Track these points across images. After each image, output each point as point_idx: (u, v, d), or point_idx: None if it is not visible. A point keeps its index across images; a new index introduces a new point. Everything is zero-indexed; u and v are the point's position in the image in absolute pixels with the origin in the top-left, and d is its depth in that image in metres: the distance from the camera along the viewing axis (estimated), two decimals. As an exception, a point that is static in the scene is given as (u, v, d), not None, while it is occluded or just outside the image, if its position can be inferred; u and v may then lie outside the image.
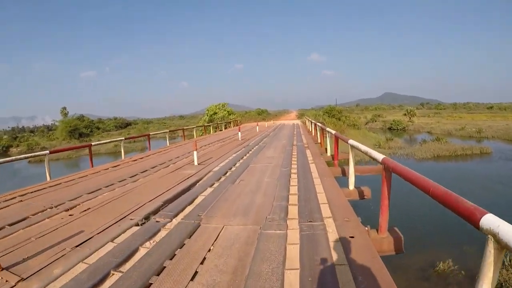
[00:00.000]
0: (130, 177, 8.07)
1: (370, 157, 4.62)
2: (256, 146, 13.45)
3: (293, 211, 4.69)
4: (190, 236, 3.92)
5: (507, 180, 18.91)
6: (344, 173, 7.91)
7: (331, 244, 3.47)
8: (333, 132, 8.72)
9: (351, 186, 6.14)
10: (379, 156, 4.17)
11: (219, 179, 7.28)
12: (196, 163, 9.54)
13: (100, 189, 6.84)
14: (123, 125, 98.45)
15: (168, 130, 18.34)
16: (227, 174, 7.79)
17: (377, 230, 3.90)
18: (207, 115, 43.14)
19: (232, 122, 36.79)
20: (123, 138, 13.62)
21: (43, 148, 53.65)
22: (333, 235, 3.73)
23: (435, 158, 27.18)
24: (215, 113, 42.57)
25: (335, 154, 8.53)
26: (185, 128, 21.21)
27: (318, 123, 14.25)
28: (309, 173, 7.27)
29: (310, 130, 22.64)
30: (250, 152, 11.69)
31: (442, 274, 8.61)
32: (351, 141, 6.16)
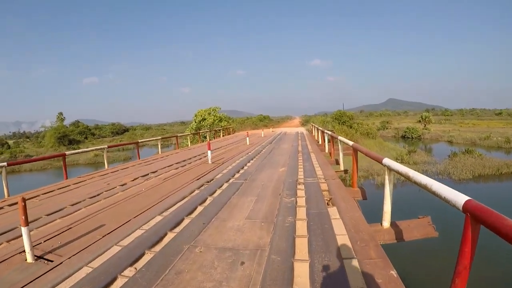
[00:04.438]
0: None
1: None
2: (226, 185, 6.97)
3: None
4: None
5: None
6: None
7: None
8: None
9: None
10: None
11: None
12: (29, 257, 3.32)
13: None
14: (120, 131, 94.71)
15: (106, 146, 12.23)
16: None
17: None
18: (195, 122, 36.64)
19: (221, 131, 30.37)
20: (5, 164, 7.62)
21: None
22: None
23: (475, 178, 20.96)
24: (203, 119, 36.04)
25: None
26: (140, 141, 15.01)
27: (347, 141, 7.95)
28: None
29: (321, 142, 16.46)
30: (198, 208, 5.26)
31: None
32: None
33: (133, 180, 8.23)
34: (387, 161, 4.18)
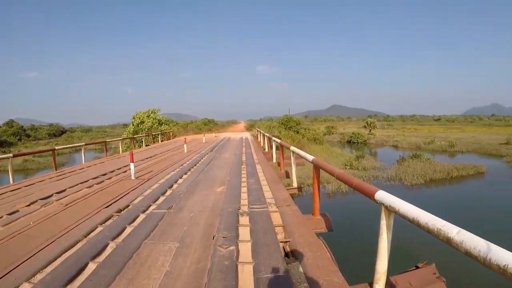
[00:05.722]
0: None
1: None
2: (141, 217, 5.00)
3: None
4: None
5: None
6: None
7: None
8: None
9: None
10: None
11: None
12: None
13: None
14: (58, 133, 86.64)
15: (11, 155, 9.69)
16: None
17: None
18: (133, 125, 33.57)
19: (160, 135, 27.75)
20: None
21: None
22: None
23: (427, 183, 21.13)
24: (142, 122, 33.11)
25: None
26: (56, 148, 12.32)
27: (306, 155, 6.45)
28: None
29: (267, 150, 15.26)
30: (87, 269, 3.24)
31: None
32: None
33: (28, 206, 5.96)
34: (383, 196, 2.56)
